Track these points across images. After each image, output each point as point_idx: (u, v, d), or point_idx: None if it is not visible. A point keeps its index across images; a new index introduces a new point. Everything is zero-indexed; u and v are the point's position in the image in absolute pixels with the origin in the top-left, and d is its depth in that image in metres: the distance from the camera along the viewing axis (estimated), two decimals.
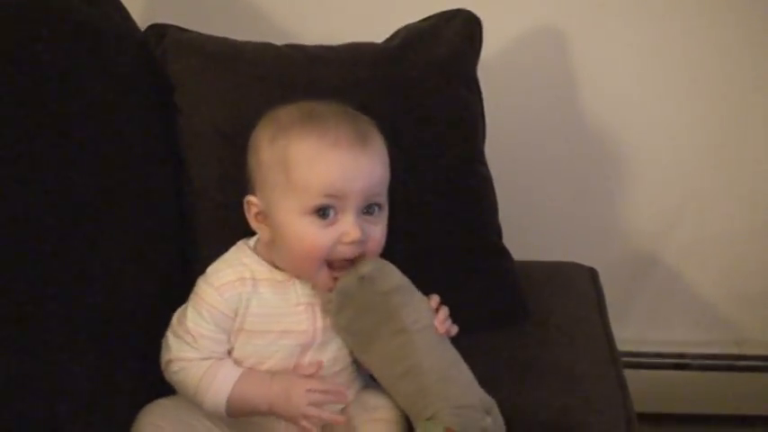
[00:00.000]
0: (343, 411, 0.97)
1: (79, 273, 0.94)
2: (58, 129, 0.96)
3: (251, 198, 0.97)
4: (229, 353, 0.96)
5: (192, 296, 0.96)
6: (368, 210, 0.93)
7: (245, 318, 0.95)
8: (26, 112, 0.93)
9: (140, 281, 1.02)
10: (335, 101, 0.98)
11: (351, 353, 0.97)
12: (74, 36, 1.02)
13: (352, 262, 0.94)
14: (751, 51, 1.48)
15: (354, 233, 0.91)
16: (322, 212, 0.91)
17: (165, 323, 0.97)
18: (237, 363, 0.95)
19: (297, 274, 0.96)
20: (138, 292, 1.02)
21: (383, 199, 0.96)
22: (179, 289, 1.00)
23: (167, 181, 1.13)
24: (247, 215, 0.98)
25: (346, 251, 0.92)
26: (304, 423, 0.92)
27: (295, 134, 0.92)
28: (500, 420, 0.92)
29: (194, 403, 0.95)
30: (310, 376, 0.94)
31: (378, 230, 0.95)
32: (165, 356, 0.96)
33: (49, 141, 0.94)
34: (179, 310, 0.97)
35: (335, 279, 0.94)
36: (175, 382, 0.96)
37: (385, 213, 0.96)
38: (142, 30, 1.18)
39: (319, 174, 0.91)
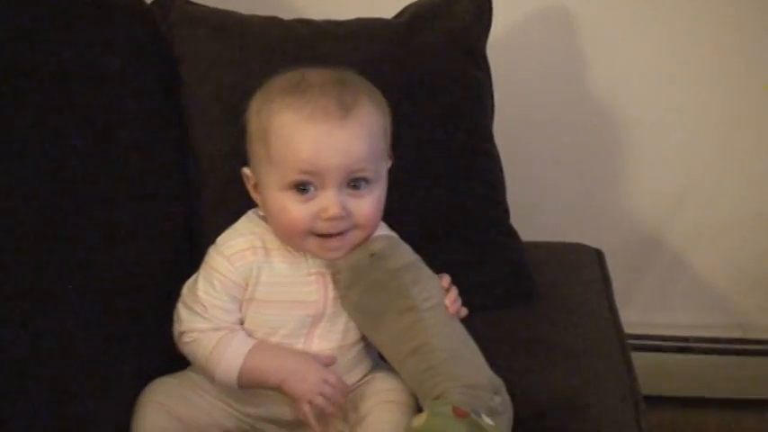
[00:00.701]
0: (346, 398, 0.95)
1: (86, 245, 0.93)
2: (63, 101, 0.95)
3: (245, 170, 0.96)
4: (241, 323, 0.95)
5: (203, 266, 0.95)
6: (354, 184, 0.90)
7: (256, 287, 0.93)
8: (31, 85, 0.91)
9: (147, 253, 1.02)
10: (335, 67, 0.94)
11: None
12: (80, 8, 1.01)
13: (341, 232, 0.91)
14: (763, 33, 1.47)
15: (333, 209, 0.88)
16: (301, 188, 0.89)
17: (171, 296, 0.96)
18: (249, 333, 0.94)
19: (289, 245, 0.94)
20: (145, 265, 1.01)
21: (370, 173, 0.91)
22: (185, 262, 1.00)
23: (173, 154, 1.12)
24: (247, 186, 0.97)
25: (328, 226, 0.90)
26: (306, 408, 0.91)
27: (276, 107, 0.90)
28: (508, 400, 0.92)
29: (205, 374, 0.94)
30: (327, 365, 0.93)
31: (365, 204, 0.91)
32: (177, 329, 0.95)
33: (54, 113, 0.93)
34: (189, 281, 0.96)
35: (333, 249, 0.92)
36: (187, 353, 0.95)
37: (375, 186, 0.92)
38: (149, 2, 1.17)
39: (294, 150, 0.88)
